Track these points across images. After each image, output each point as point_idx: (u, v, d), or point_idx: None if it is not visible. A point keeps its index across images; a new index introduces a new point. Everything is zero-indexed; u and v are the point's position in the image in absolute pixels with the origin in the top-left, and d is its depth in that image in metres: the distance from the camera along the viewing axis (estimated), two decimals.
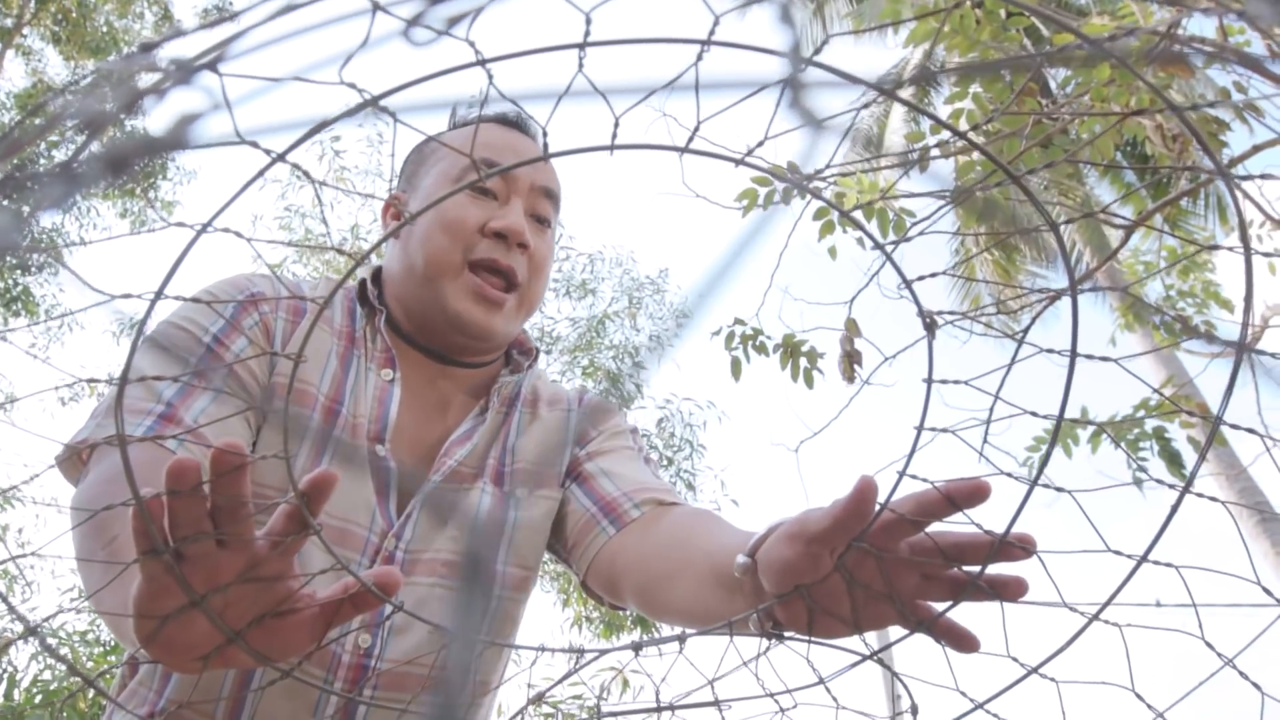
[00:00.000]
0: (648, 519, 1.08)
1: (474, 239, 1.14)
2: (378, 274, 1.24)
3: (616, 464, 1.18)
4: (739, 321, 3.68)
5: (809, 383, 3.51)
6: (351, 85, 0.43)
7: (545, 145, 0.51)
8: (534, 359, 1.27)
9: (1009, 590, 0.74)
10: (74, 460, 0.98)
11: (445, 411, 1.19)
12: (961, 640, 0.75)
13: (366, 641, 1.01)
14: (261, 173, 0.45)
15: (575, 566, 1.14)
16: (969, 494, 0.71)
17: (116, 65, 0.26)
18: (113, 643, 7.18)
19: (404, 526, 1.07)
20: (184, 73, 0.25)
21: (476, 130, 1.01)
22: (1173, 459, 4.02)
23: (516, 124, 1.24)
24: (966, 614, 0.81)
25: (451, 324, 1.15)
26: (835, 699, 0.72)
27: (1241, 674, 0.67)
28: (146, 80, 0.25)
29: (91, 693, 6.39)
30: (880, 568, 0.74)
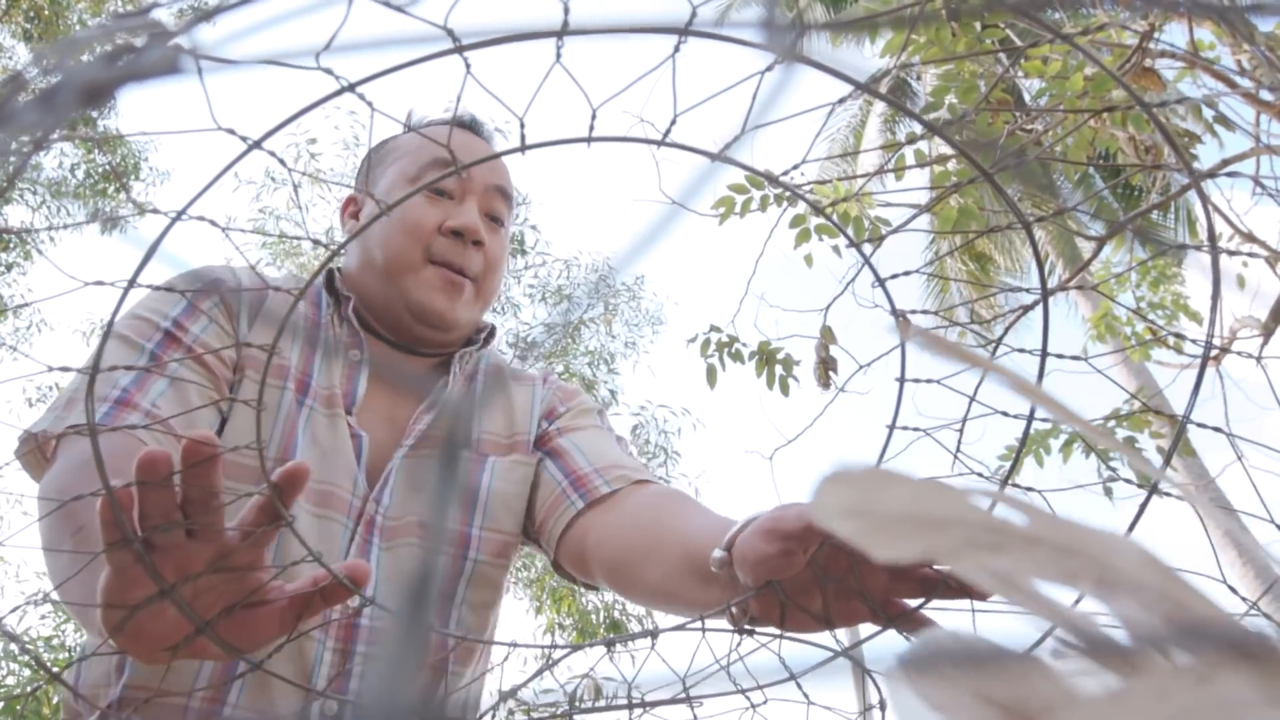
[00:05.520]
0: (620, 496, 1.09)
1: (431, 238, 1.18)
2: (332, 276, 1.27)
3: (588, 440, 1.19)
4: (714, 329, 3.69)
5: (784, 390, 3.52)
6: (328, 71, 0.43)
7: (523, 136, 0.51)
8: (490, 334, 1.29)
9: (978, 590, 0.74)
10: (36, 454, 0.97)
11: (409, 389, 1.21)
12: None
13: (355, 601, 1.01)
14: (239, 158, 0.45)
15: (545, 543, 1.15)
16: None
17: (93, 32, 0.25)
18: (79, 647, 7.09)
19: (382, 492, 1.08)
20: (163, 38, 0.25)
21: (449, 133, 1.02)
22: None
23: (470, 126, 1.28)
24: (936, 614, 0.81)
25: (414, 314, 1.18)
26: (806, 695, 0.73)
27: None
28: (123, 43, 0.25)
29: (56, 698, 6.29)
30: (852, 565, 0.75)
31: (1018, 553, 0.20)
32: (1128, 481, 0.75)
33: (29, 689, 5.55)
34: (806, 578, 0.75)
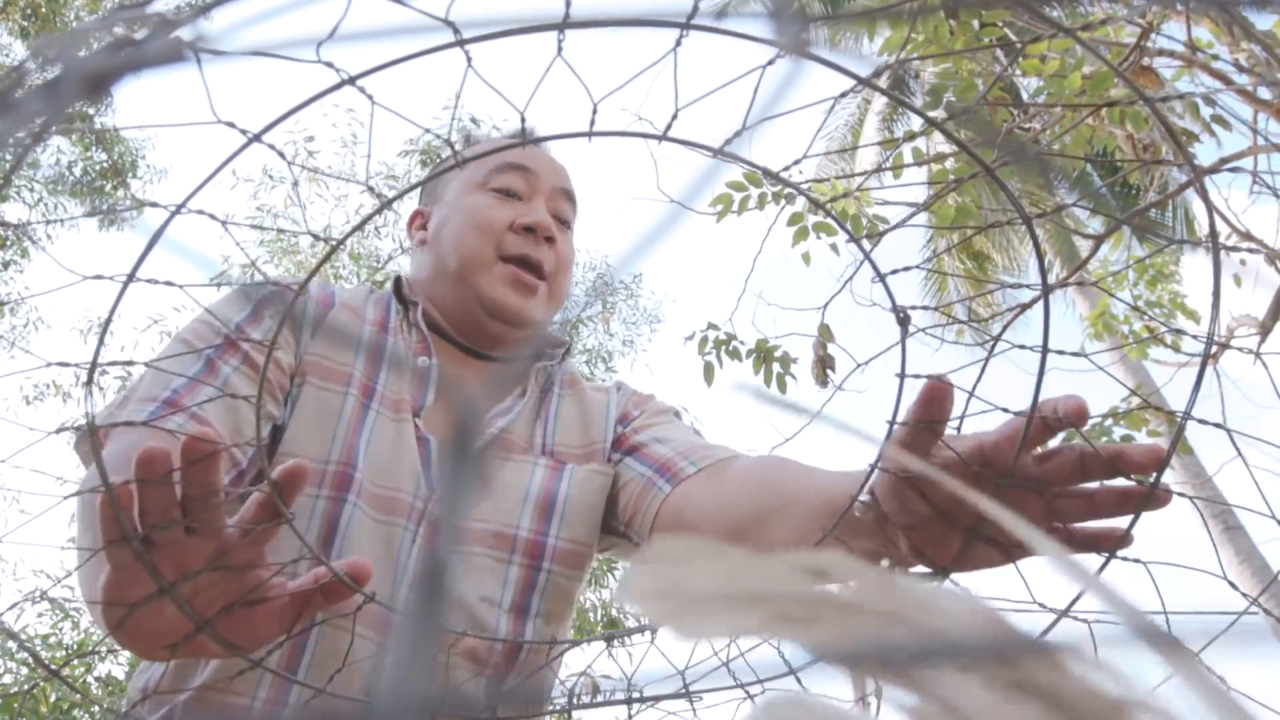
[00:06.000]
0: (713, 470, 1.07)
1: (504, 235, 1.19)
2: (400, 283, 1.28)
3: (668, 431, 1.19)
4: (712, 326, 3.69)
5: (782, 387, 3.52)
6: (329, 64, 0.42)
7: (524, 130, 0.51)
8: (566, 350, 1.30)
9: (1154, 499, 0.72)
10: (89, 449, 0.97)
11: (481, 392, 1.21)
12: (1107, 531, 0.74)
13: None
14: (239, 151, 0.45)
15: (637, 534, 1.13)
16: (1074, 413, 0.70)
17: (93, 24, 0.25)
18: (76, 645, 7.09)
19: None
20: (164, 30, 0.25)
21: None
22: None
23: (531, 138, 1.31)
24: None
25: (489, 311, 1.19)
26: (805, 689, 0.72)
27: (1207, 668, 0.68)
28: (125, 36, 0.25)
29: (54, 696, 6.29)
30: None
31: (835, 623, 0.19)
32: (1127, 478, 0.75)
33: (26, 687, 5.55)
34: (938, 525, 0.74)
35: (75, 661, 6.10)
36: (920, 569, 0.79)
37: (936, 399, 0.71)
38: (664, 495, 1.08)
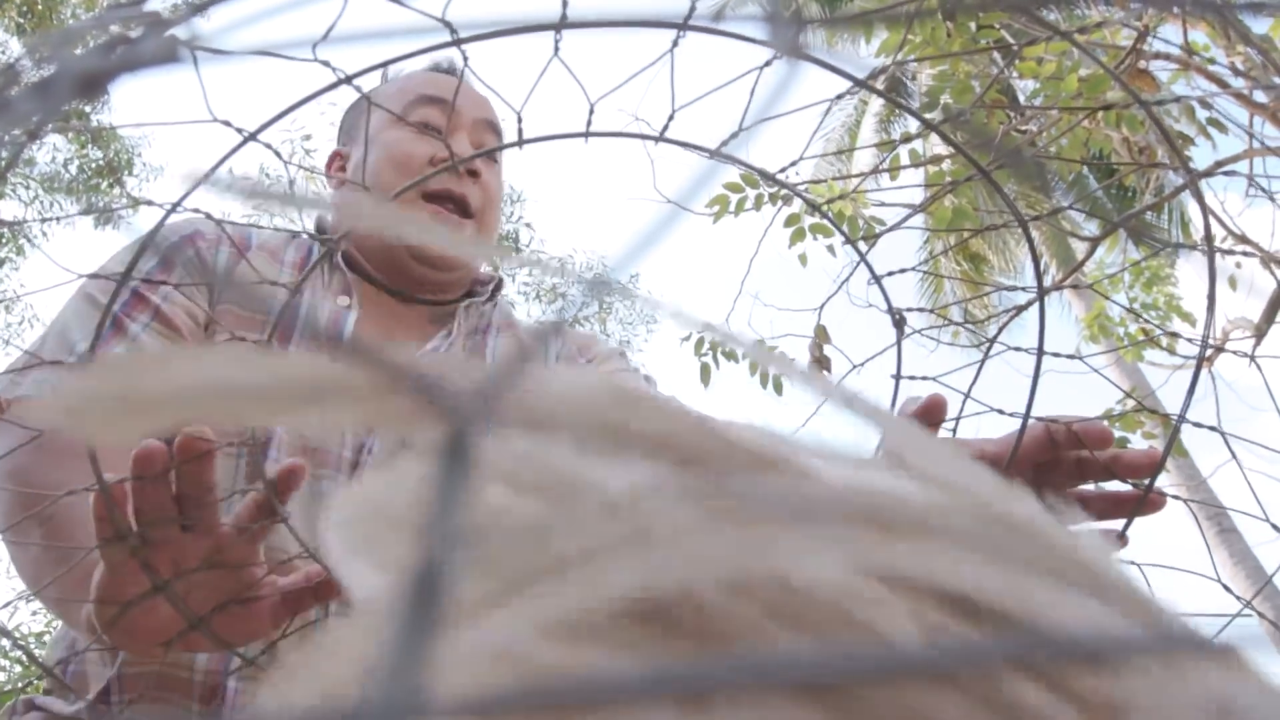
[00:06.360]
0: None
1: (423, 170, 1.11)
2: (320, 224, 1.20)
3: (622, 380, 1.15)
4: (709, 327, 3.68)
5: (778, 389, 3.52)
6: (325, 63, 0.42)
7: (520, 130, 0.51)
8: (499, 286, 1.24)
9: (1149, 503, 0.73)
10: None
11: (407, 339, 1.15)
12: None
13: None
14: (235, 150, 0.45)
15: None
16: (1096, 437, 0.71)
17: (88, 23, 0.25)
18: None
19: (375, 441, 1.03)
20: (159, 29, 0.25)
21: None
22: None
23: (449, 70, 1.24)
24: None
25: (414, 254, 1.13)
26: None
27: None
28: (120, 35, 0.25)
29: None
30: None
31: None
32: (1123, 481, 0.75)
33: (20, 685, 5.53)
34: None
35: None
36: None
37: (933, 410, 0.72)
38: None
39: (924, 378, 0.75)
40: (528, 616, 0.14)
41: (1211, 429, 0.70)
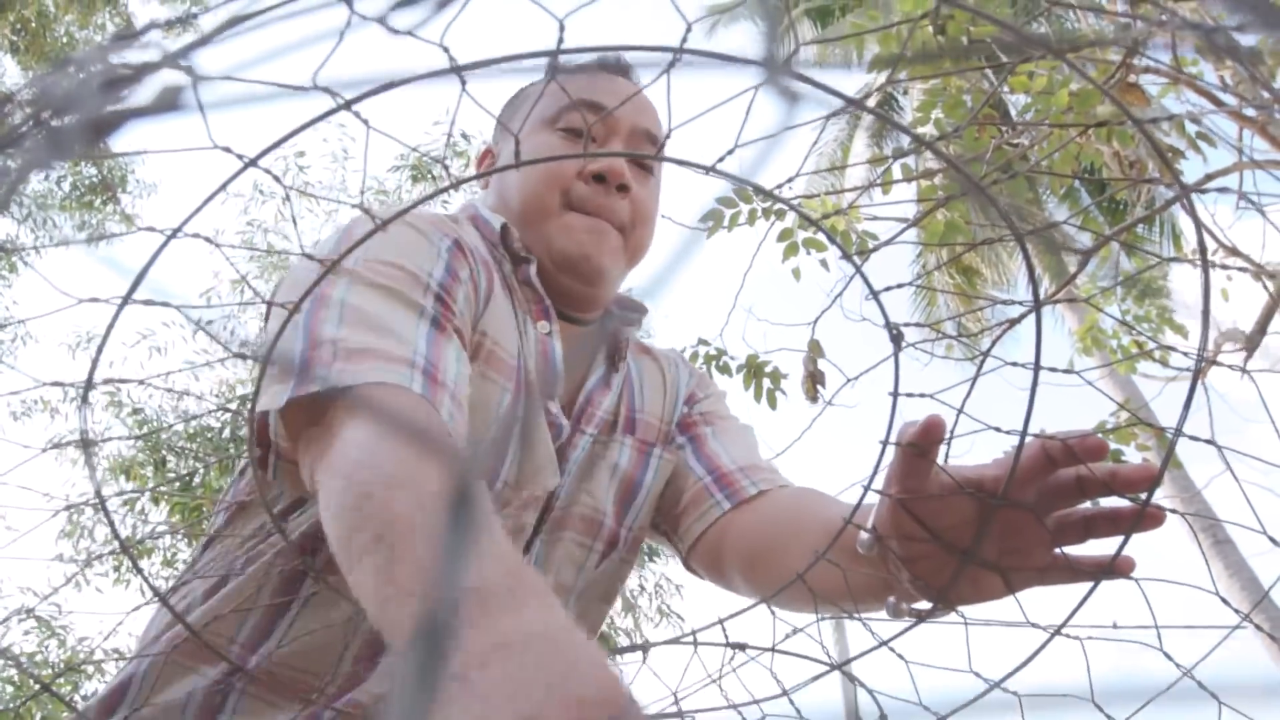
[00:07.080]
0: (761, 499, 1.03)
1: (571, 183, 1.04)
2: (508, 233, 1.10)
3: (731, 434, 1.12)
4: (703, 342, 3.70)
5: (772, 404, 3.53)
6: (326, 90, 0.43)
7: (518, 153, 0.52)
8: (644, 312, 1.19)
9: (1147, 519, 0.74)
10: (302, 428, 0.75)
11: (578, 364, 1.08)
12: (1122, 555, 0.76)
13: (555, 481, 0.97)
14: (234, 176, 0.45)
15: (678, 538, 1.08)
16: (1091, 450, 0.72)
17: (91, 54, 0.26)
18: (62, 663, 7.02)
19: (563, 483, 1.00)
20: (164, 62, 0.25)
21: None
22: None
23: (618, 69, 1.13)
24: (935, 631, 0.82)
25: (558, 263, 1.04)
26: (798, 711, 0.73)
27: (1199, 684, 0.68)
28: (123, 64, 0.25)
29: (39, 716, 6.24)
30: (1007, 529, 0.76)
31: None
32: (1120, 495, 0.75)
33: (16, 704, 5.50)
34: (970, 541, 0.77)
35: (61, 680, 6.05)
36: (923, 602, 0.80)
37: (931, 431, 0.72)
38: (722, 511, 1.03)
39: (921, 395, 0.75)
40: None
41: (1207, 442, 0.70)
